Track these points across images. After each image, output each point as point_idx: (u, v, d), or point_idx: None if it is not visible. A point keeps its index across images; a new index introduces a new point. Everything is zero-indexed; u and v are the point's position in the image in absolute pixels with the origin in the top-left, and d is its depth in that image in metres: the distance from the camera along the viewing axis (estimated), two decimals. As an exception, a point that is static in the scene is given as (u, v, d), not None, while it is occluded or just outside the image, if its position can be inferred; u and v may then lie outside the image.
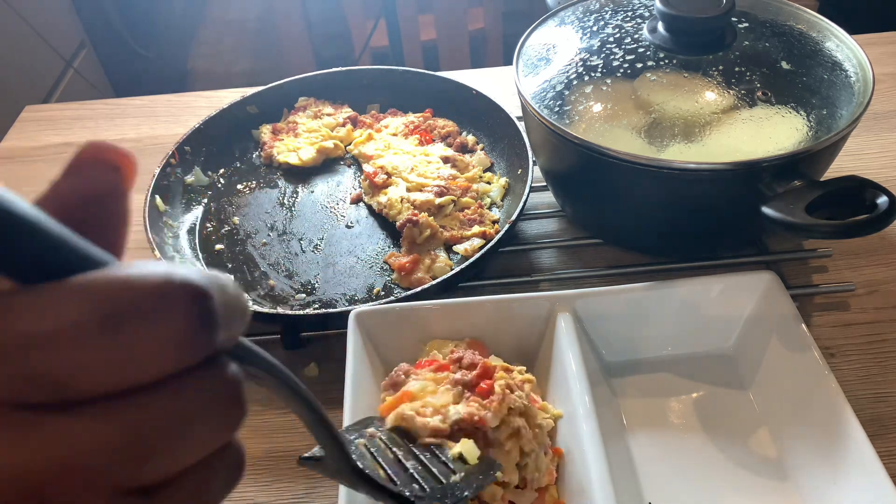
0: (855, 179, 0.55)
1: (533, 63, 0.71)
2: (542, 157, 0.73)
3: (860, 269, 0.72)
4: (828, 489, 0.50)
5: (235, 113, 0.89)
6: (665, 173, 0.59)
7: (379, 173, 0.80)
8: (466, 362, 0.54)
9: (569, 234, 0.77)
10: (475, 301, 0.60)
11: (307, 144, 0.87)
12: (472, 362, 0.54)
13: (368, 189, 0.81)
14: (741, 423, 0.58)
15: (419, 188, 0.78)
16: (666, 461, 0.56)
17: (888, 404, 0.60)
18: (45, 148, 0.98)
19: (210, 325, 0.20)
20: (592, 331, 0.61)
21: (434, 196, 0.76)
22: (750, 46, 0.67)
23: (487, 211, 0.77)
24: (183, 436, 0.20)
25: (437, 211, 0.76)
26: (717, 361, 0.62)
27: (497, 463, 0.49)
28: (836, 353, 0.64)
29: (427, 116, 0.89)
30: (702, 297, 0.61)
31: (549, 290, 0.63)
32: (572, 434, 0.52)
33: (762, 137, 0.60)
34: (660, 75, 0.65)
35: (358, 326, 0.58)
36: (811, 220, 0.53)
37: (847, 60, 0.67)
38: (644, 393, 0.61)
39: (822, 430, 0.52)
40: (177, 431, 0.20)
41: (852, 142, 0.78)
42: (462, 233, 0.75)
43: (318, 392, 0.64)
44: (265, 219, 0.80)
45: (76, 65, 2.02)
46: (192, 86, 2.34)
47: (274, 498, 0.57)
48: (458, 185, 0.79)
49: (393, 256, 0.73)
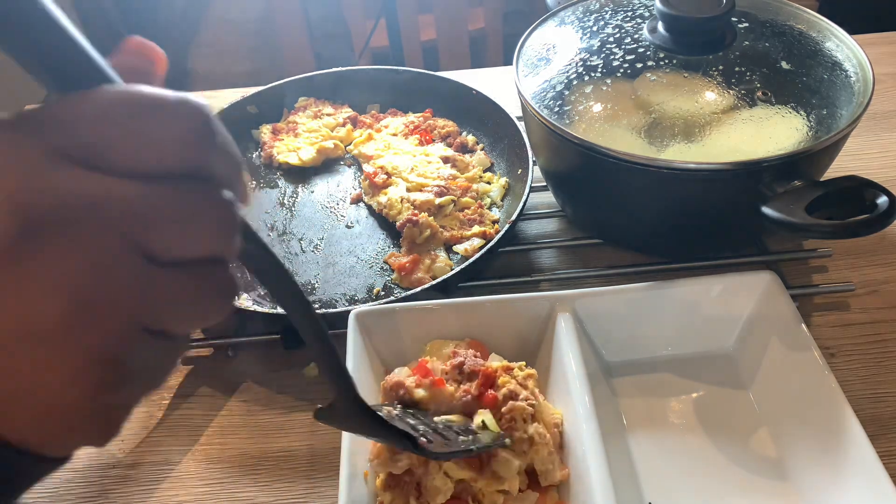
0: (855, 179, 0.55)
1: (533, 63, 0.71)
2: (542, 157, 0.73)
3: (860, 269, 0.72)
4: (828, 489, 0.50)
5: (235, 113, 0.89)
6: (665, 173, 0.59)
7: (379, 173, 0.80)
8: (467, 370, 0.54)
9: (569, 234, 0.77)
10: (475, 301, 0.60)
11: (307, 144, 0.87)
12: (472, 370, 0.54)
13: (368, 189, 0.81)
14: (741, 423, 0.58)
15: (419, 188, 0.78)
16: (666, 461, 0.56)
17: (888, 404, 0.60)
18: (45, 148, 0.98)
19: (211, 135, 0.25)
20: (592, 331, 0.61)
21: (434, 196, 0.76)
22: (750, 46, 0.67)
23: (487, 211, 0.77)
24: (182, 218, 0.25)
25: (437, 211, 0.76)
26: (717, 361, 0.62)
27: (509, 436, 0.50)
28: (836, 353, 0.64)
29: (427, 116, 0.89)
30: (702, 297, 0.61)
31: (549, 290, 0.63)
32: (572, 434, 0.52)
33: (762, 137, 0.60)
34: (660, 75, 0.65)
35: (358, 326, 0.58)
36: (811, 220, 0.53)
37: (847, 60, 0.67)
38: (644, 393, 0.61)
39: (822, 430, 0.52)
40: (176, 213, 0.25)
41: (852, 142, 0.78)
42: (462, 233, 0.75)
43: (318, 392, 0.64)
44: (265, 219, 0.80)
45: (76, 65, 2.02)
46: (192, 86, 2.34)
47: (274, 498, 0.57)
48: (458, 185, 0.79)
49: (393, 256, 0.73)
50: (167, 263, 0.25)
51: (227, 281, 0.27)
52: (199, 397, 0.65)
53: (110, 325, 0.24)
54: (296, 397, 0.64)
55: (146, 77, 0.27)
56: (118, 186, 0.24)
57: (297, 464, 0.59)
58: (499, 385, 0.53)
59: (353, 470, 0.50)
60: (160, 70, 0.28)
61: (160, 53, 0.28)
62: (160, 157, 0.24)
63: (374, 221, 0.79)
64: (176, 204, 0.25)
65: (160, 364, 0.28)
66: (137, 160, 0.24)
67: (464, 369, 0.54)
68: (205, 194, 0.25)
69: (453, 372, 0.54)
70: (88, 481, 0.59)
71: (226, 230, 0.26)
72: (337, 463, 0.50)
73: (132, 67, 0.27)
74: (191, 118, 0.25)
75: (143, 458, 0.60)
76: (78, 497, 0.58)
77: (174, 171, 0.25)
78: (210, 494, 0.58)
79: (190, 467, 0.60)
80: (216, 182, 0.26)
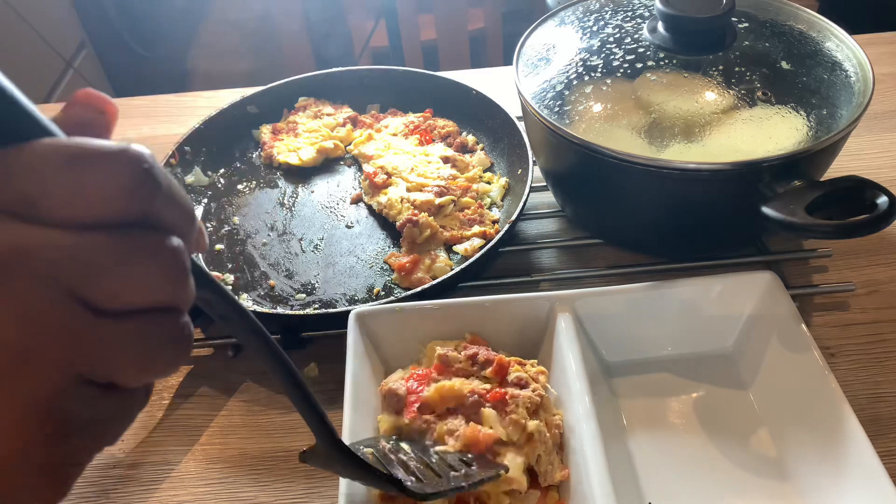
0: (855, 179, 0.55)
1: (533, 63, 0.71)
2: (542, 157, 0.73)
3: (860, 269, 0.72)
4: (828, 489, 0.50)
5: (235, 113, 0.89)
6: (665, 173, 0.59)
7: (379, 173, 0.80)
8: (481, 359, 0.55)
9: (569, 234, 0.77)
10: (475, 301, 0.60)
11: (307, 144, 0.87)
12: (486, 358, 0.55)
13: (368, 189, 0.81)
14: (741, 423, 0.58)
15: (419, 188, 0.78)
16: (666, 461, 0.56)
17: (888, 404, 0.60)
18: (45, 148, 0.98)
19: (152, 184, 0.25)
20: (592, 331, 0.61)
21: (434, 196, 0.76)
22: (750, 46, 0.67)
23: (487, 211, 0.77)
24: (122, 267, 0.24)
25: (437, 211, 0.76)
26: (717, 361, 0.62)
27: (503, 466, 0.49)
28: (836, 353, 0.64)
29: (427, 116, 0.89)
30: (702, 297, 0.61)
31: (549, 290, 0.63)
32: (572, 434, 0.52)
33: (762, 137, 0.60)
34: (660, 75, 0.65)
35: (358, 326, 0.58)
36: (811, 220, 0.53)
37: (847, 60, 0.67)
38: (644, 393, 0.61)
39: (822, 430, 0.52)
40: (115, 261, 0.24)
41: (852, 142, 0.78)
42: (462, 233, 0.75)
43: (318, 392, 0.64)
44: (265, 219, 0.80)
45: (76, 65, 2.02)
46: (193, 86, 2.34)
47: (274, 498, 0.57)
48: (458, 185, 0.79)
49: (393, 256, 0.73)
50: (113, 313, 0.24)
51: (178, 330, 0.27)
52: (199, 397, 0.65)
53: (46, 375, 0.24)
54: (296, 397, 0.64)
55: (93, 129, 0.27)
56: (52, 236, 0.23)
57: (297, 464, 0.59)
58: (510, 373, 0.54)
59: (353, 470, 0.50)
60: (110, 120, 0.28)
61: (110, 104, 0.28)
62: (96, 207, 0.24)
63: (374, 221, 0.79)
64: (115, 252, 0.24)
65: (112, 417, 0.27)
66: (73, 210, 0.24)
67: (478, 358, 0.55)
68: (148, 242, 0.25)
69: (467, 362, 0.56)
70: (88, 481, 0.59)
71: (173, 278, 0.26)
72: (337, 463, 0.50)
73: (79, 120, 0.27)
74: (130, 167, 0.24)
75: (143, 458, 0.60)
76: (78, 497, 0.58)
77: (113, 220, 0.24)
78: (210, 494, 0.58)
79: (190, 467, 0.60)
80: (164, 230, 0.26)
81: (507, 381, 0.54)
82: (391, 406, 0.55)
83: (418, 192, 0.78)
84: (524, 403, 0.52)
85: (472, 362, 0.56)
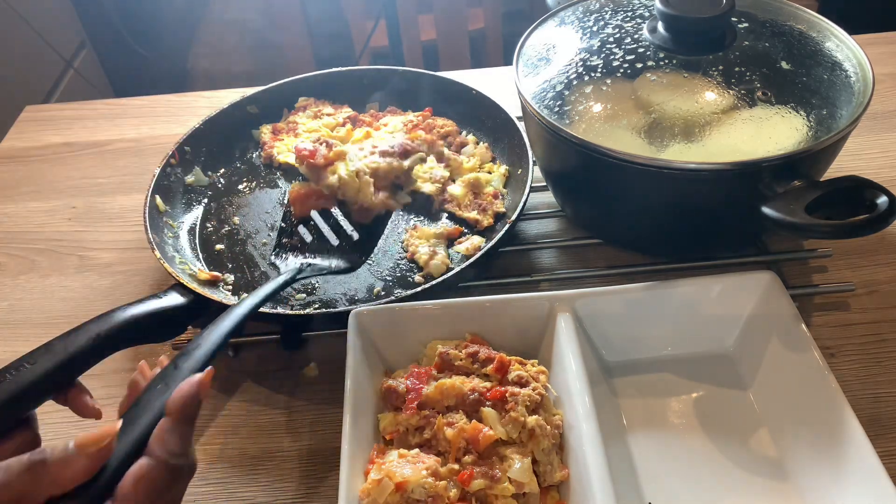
0: (855, 179, 0.55)
1: (533, 63, 0.71)
2: (542, 157, 0.73)
3: (860, 269, 0.72)
4: (828, 489, 0.50)
5: (235, 113, 0.89)
6: (665, 173, 0.59)
7: (318, 148, 0.70)
8: (482, 356, 0.56)
9: (569, 234, 0.77)
10: (475, 301, 0.60)
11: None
12: (488, 357, 0.56)
13: (311, 175, 0.72)
14: (741, 423, 0.58)
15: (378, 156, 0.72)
16: (666, 461, 0.56)
17: (888, 404, 0.60)
18: (45, 148, 0.99)
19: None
20: (592, 331, 0.61)
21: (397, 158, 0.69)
22: (750, 46, 0.67)
23: (496, 200, 0.77)
24: None
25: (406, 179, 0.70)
26: (717, 361, 0.62)
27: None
28: (836, 353, 0.64)
29: (426, 115, 0.89)
30: (702, 297, 0.61)
31: (549, 290, 0.63)
32: (572, 434, 0.52)
33: (762, 137, 0.60)
34: (660, 75, 0.65)
35: (358, 326, 0.58)
36: (811, 220, 0.53)
37: (847, 60, 0.67)
38: (644, 393, 0.61)
39: (822, 430, 0.52)
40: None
41: (852, 142, 0.78)
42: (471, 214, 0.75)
43: (318, 392, 0.64)
44: (265, 219, 0.80)
45: (76, 65, 2.02)
46: (192, 86, 2.34)
47: (274, 498, 0.57)
48: (423, 140, 0.72)
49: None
50: None
51: None
52: (199, 397, 0.65)
53: None
54: (296, 397, 0.64)
55: None
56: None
57: (297, 464, 0.59)
58: (511, 371, 0.55)
59: (353, 470, 0.50)
60: None
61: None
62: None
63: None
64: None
65: None
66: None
67: (478, 356, 0.56)
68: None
69: (468, 360, 0.56)
70: (88, 481, 0.59)
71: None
72: (337, 463, 0.50)
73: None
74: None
75: (143, 458, 0.60)
76: (78, 497, 0.58)
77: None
78: (210, 494, 0.58)
79: (190, 467, 0.60)
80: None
81: (508, 379, 0.54)
82: (391, 403, 0.55)
83: (377, 157, 0.70)
84: (524, 402, 0.52)
85: (473, 360, 0.56)
